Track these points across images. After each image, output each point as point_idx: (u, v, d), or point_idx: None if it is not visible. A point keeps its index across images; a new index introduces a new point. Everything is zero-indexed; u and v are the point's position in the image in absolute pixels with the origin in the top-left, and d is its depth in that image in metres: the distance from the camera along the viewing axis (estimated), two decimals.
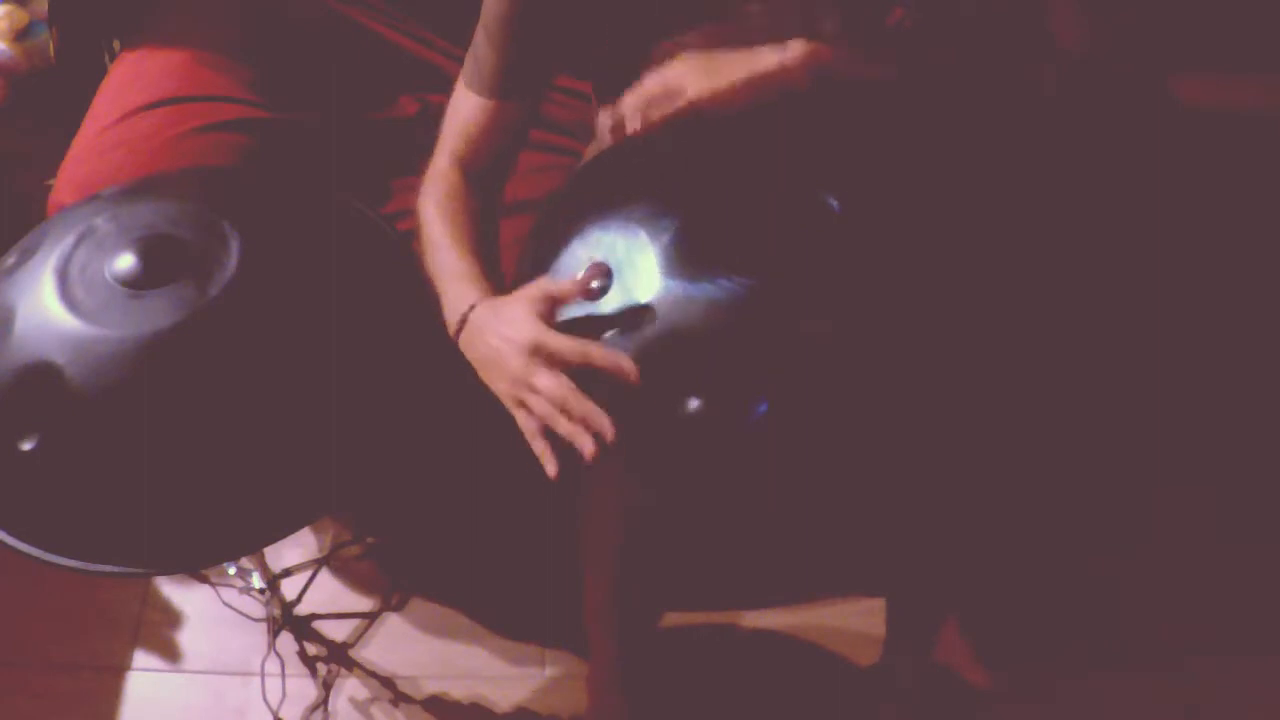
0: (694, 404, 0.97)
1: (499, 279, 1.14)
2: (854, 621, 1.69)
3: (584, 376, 0.99)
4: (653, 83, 1.12)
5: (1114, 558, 1.77)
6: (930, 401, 0.99)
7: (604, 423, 0.97)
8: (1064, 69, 1.31)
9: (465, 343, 1.09)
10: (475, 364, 1.08)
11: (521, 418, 1.03)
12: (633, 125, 1.11)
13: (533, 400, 1.01)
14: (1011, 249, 1.10)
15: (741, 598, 1.73)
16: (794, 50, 1.10)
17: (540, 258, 1.10)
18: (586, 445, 0.98)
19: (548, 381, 1.00)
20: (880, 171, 1.11)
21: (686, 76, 1.11)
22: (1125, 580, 1.74)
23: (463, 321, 1.09)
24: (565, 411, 0.99)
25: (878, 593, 1.66)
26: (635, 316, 1.00)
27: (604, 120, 1.41)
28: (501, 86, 1.20)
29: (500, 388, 1.05)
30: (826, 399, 0.96)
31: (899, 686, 1.60)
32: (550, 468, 1.01)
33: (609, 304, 1.01)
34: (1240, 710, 1.61)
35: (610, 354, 0.98)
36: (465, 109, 1.22)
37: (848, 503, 1.02)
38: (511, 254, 1.20)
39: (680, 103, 1.10)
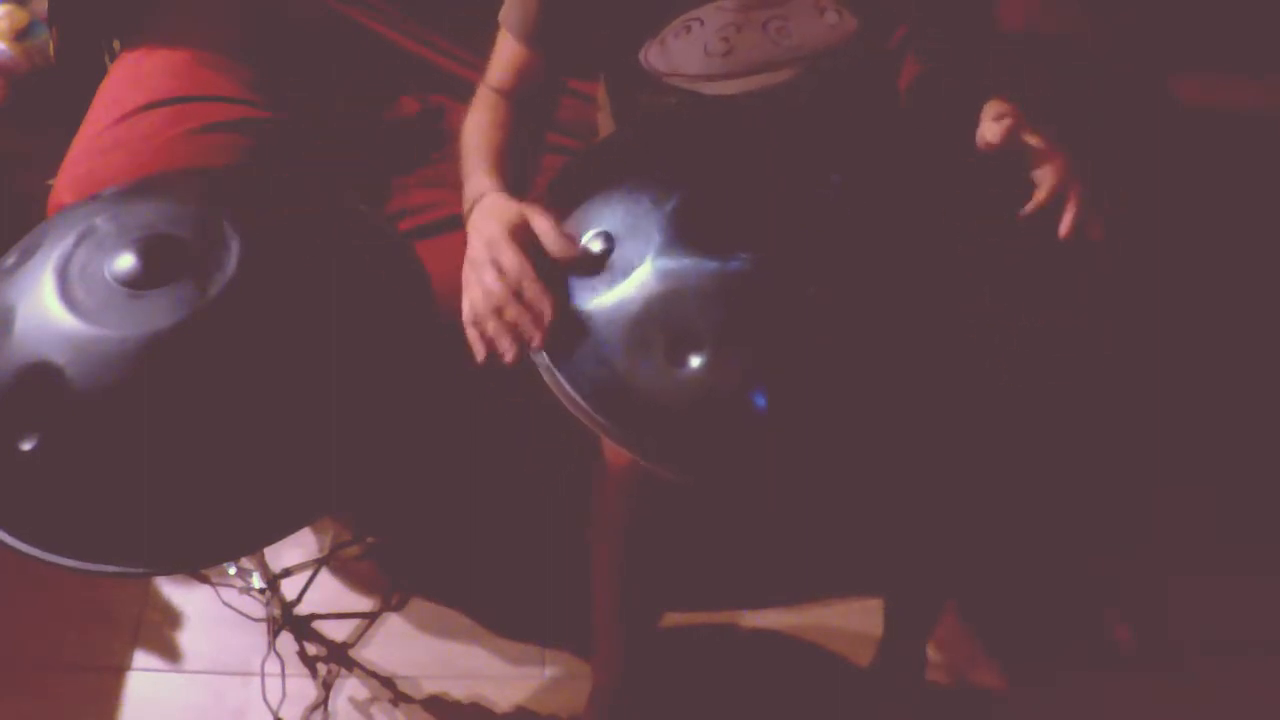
0: (691, 370, 0.97)
1: (523, 187, 1.19)
2: (854, 621, 1.69)
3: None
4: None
5: (1114, 558, 1.77)
6: (927, 389, 1.00)
7: (544, 306, 1.02)
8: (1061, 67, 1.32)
9: (469, 225, 1.14)
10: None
11: (464, 302, 1.07)
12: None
13: (477, 287, 1.06)
14: (1012, 248, 1.11)
15: (741, 598, 1.73)
16: None
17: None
18: (508, 348, 1.02)
19: (491, 278, 1.05)
20: (882, 159, 1.12)
21: None
22: (1125, 580, 1.74)
23: (472, 207, 1.15)
24: (499, 311, 1.03)
25: (877, 590, 1.67)
26: (634, 283, 1.01)
27: (603, 107, 1.42)
28: (534, 37, 1.26)
29: (464, 270, 1.10)
30: (823, 374, 0.97)
31: (899, 686, 1.60)
32: (478, 354, 1.04)
33: (610, 269, 1.03)
34: (1240, 710, 1.61)
35: (540, 288, 1.02)
36: (504, 49, 1.29)
37: (848, 480, 1.02)
38: None
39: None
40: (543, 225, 1.06)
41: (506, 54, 1.28)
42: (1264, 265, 1.87)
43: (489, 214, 1.10)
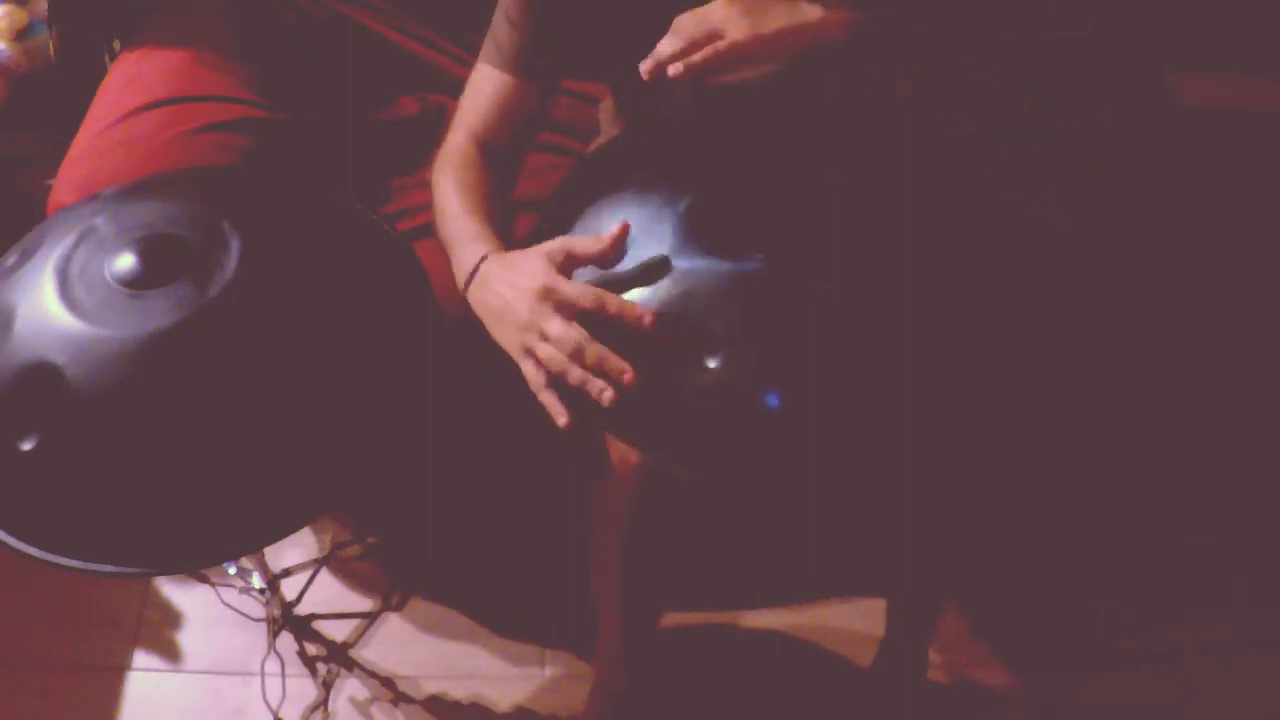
0: (705, 371, 0.97)
1: (511, 242, 1.13)
2: (854, 621, 1.69)
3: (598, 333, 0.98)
4: (692, 23, 1.09)
5: (1111, 554, 1.77)
6: (936, 384, 1.00)
7: (620, 365, 0.96)
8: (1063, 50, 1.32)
9: (474, 295, 1.09)
10: (483, 317, 1.08)
11: (529, 369, 1.02)
12: (675, 70, 1.08)
13: (542, 348, 1.01)
14: (1013, 254, 1.11)
15: (741, 598, 1.73)
16: (836, 10, 1.09)
17: (556, 230, 1.11)
18: (604, 392, 0.96)
19: (559, 327, 0.99)
20: (883, 158, 1.12)
21: (729, 19, 1.08)
22: (1125, 580, 1.74)
23: (473, 274, 1.09)
24: (577, 358, 0.98)
25: (877, 590, 1.67)
26: (647, 283, 1.01)
27: (606, 107, 1.42)
28: (522, 65, 1.22)
29: (508, 338, 1.04)
30: (834, 372, 0.97)
31: (899, 686, 1.61)
32: (561, 419, 0.99)
33: (621, 271, 1.03)
34: (1240, 710, 1.61)
35: (626, 302, 0.98)
36: (485, 87, 1.23)
37: (860, 476, 1.02)
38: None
39: (721, 46, 1.07)
40: (567, 246, 1.03)
41: (490, 93, 1.23)
42: (1264, 268, 1.87)
43: (501, 277, 1.05)
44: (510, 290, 1.04)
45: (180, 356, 1.03)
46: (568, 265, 1.03)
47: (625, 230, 1.02)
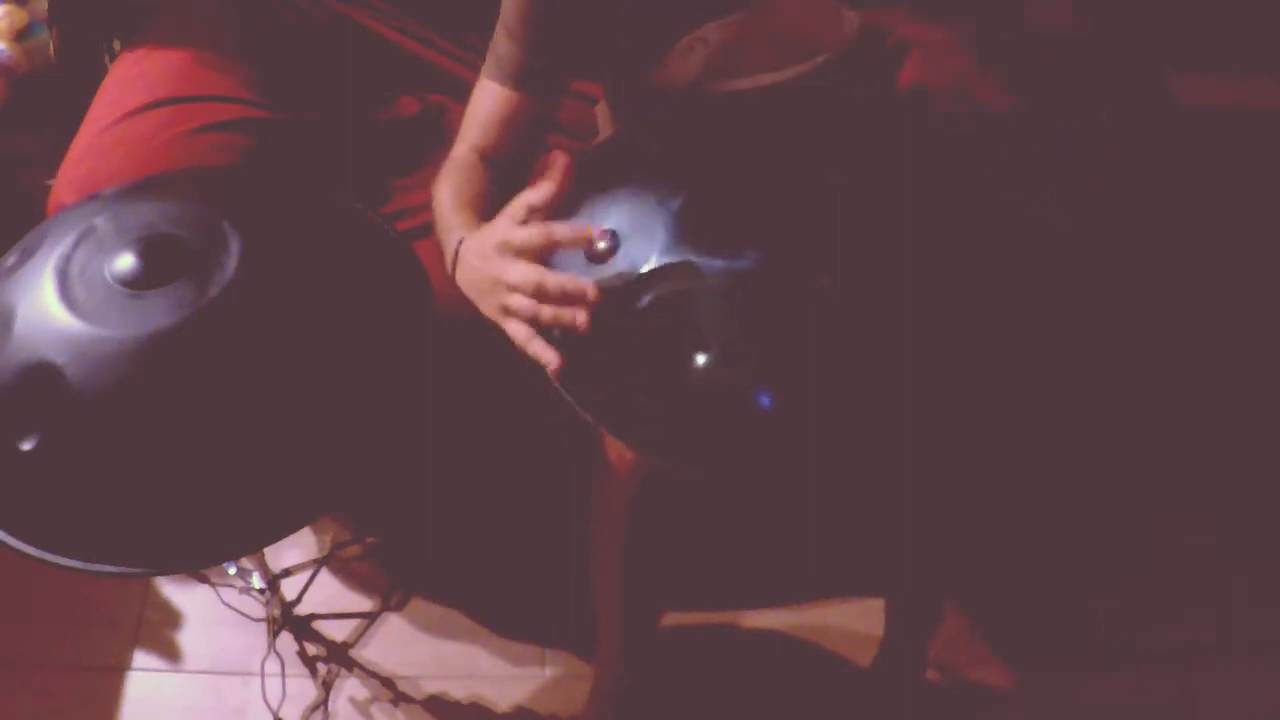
0: (698, 367, 0.97)
1: None
2: (854, 621, 1.69)
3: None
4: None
5: (1114, 573, 1.77)
6: (936, 382, 1.00)
7: (581, 283, 0.98)
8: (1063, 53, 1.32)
9: (459, 279, 1.10)
10: (470, 297, 1.09)
11: (511, 327, 1.03)
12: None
13: (512, 300, 1.02)
14: (1013, 254, 1.11)
15: (741, 598, 1.73)
16: None
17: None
18: (577, 317, 0.98)
19: (518, 272, 1.01)
20: (881, 158, 1.12)
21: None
22: (1125, 580, 1.74)
23: (455, 259, 1.11)
24: (541, 295, 1.00)
25: (877, 590, 1.67)
26: (639, 281, 1.01)
27: (605, 107, 1.42)
28: (522, 79, 1.22)
29: (488, 306, 1.06)
30: (831, 368, 0.97)
31: (899, 686, 1.61)
32: (552, 364, 1.00)
33: (614, 269, 1.03)
34: (1240, 710, 1.61)
35: (572, 226, 1.00)
36: (486, 101, 1.24)
37: (857, 474, 1.02)
38: None
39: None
40: (524, 199, 1.04)
41: (491, 106, 1.24)
42: (1265, 268, 1.87)
43: (473, 249, 1.08)
44: (477, 259, 1.07)
45: (180, 356, 1.03)
46: (530, 217, 1.04)
47: (568, 161, 1.04)
